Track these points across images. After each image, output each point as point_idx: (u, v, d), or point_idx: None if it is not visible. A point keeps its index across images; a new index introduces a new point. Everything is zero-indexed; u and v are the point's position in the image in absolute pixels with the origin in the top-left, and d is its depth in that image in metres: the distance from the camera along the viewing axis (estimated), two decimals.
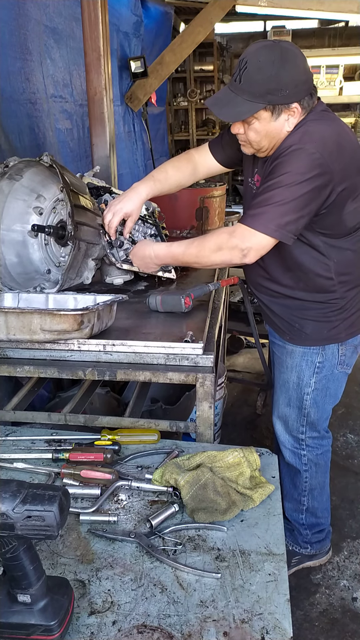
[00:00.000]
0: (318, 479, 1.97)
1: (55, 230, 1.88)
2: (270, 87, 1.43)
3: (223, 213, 3.13)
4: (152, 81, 4.55)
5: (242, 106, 1.47)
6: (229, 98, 1.49)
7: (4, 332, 1.57)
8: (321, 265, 1.63)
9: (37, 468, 1.35)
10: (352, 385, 3.48)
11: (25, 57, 2.70)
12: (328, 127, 1.50)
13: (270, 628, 0.94)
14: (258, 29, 7.59)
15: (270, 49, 1.43)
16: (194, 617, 0.96)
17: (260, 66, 1.42)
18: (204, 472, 1.25)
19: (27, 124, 2.73)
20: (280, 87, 1.43)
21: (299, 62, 1.45)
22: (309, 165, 1.43)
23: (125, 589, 1.02)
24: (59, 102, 3.06)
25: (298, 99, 1.47)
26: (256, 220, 1.48)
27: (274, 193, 1.45)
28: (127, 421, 1.60)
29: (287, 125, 1.50)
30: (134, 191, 1.77)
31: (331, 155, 1.44)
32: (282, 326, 1.81)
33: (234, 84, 1.48)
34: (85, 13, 2.64)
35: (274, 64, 1.41)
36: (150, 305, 1.84)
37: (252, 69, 1.43)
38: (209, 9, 4.57)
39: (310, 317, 1.73)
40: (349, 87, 6.68)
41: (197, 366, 1.57)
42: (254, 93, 1.44)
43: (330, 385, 1.82)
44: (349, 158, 1.50)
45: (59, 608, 0.92)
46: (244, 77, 1.44)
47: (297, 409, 1.86)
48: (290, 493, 2.03)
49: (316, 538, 2.08)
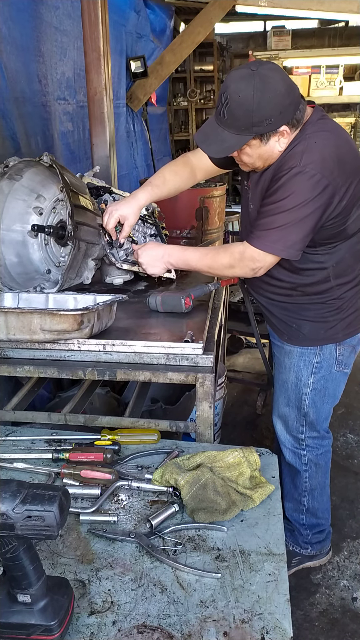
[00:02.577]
0: (318, 479, 1.97)
1: (55, 230, 1.88)
2: (254, 121, 1.43)
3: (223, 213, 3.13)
4: (152, 81, 4.55)
5: (229, 141, 1.48)
6: (216, 133, 1.50)
7: (4, 332, 1.57)
8: (319, 269, 1.65)
9: (37, 468, 1.35)
10: (352, 385, 3.48)
11: (38, 58, 2.72)
12: (326, 142, 1.50)
13: (270, 628, 0.94)
14: (258, 29, 7.58)
15: (248, 82, 1.40)
16: (194, 617, 0.96)
17: (241, 102, 1.41)
18: (204, 472, 1.25)
19: (40, 125, 2.77)
20: (264, 119, 1.43)
21: (280, 87, 1.42)
22: (310, 188, 1.46)
23: (125, 589, 1.02)
24: (62, 104, 3.06)
25: (285, 122, 1.47)
26: (263, 243, 1.54)
27: (277, 217, 1.50)
28: (127, 421, 1.60)
29: (278, 145, 1.51)
30: (132, 197, 1.80)
31: (332, 172, 1.46)
32: (280, 327, 1.82)
33: (219, 118, 1.48)
34: (85, 13, 2.64)
35: (254, 98, 1.40)
36: (150, 305, 1.84)
37: (234, 105, 1.43)
38: (209, 9, 4.56)
39: (308, 318, 1.74)
40: (349, 87, 6.66)
41: (197, 366, 1.57)
42: (239, 127, 1.45)
43: (328, 385, 1.82)
44: (350, 168, 1.52)
45: (59, 608, 0.92)
46: (227, 113, 1.45)
47: (296, 409, 1.87)
48: (291, 493, 2.04)
49: (316, 538, 2.08)
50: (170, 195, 1.88)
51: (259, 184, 1.63)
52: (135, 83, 4.48)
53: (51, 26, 2.82)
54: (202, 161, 1.86)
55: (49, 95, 2.83)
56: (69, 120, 3.13)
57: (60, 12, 2.90)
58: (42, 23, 2.72)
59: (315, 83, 6.58)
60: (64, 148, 3.06)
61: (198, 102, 7.38)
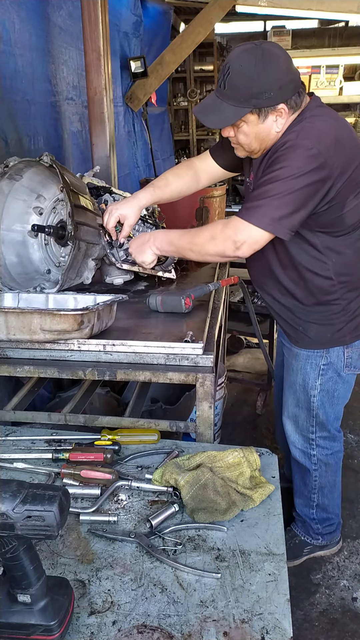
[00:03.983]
0: (328, 478, 1.98)
1: (55, 230, 1.88)
2: (253, 91, 1.43)
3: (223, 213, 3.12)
4: (152, 81, 4.54)
5: (227, 112, 1.47)
6: (215, 104, 1.49)
7: (4, 332, 1.57)
8: (319, 264, 1.62)
9: (37, 468, 1.35)
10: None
11: (48, 59, 2.73)
12: (325, 123, 1.49)
13: (270, 628, 0.94)
14: (258, 29, 7.58)
15: (251, 53, 1.42)
16: (194, 617, 0.96)
17: (242, 71, 1.42)
18: (204, 472, 1.25)
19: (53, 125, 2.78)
20: (264, 90, 1.43)
21: (282, 63, 1.44)
22: (305, 160, 1.42)
23: (125, 589, 1.02)
24: (72, 104, 3.07)
25: (284, 100, 1.46)
26: (250, 214, 1.47)
27: (270, 187, 1.45)
28: (127, 421, 1.60)
29: (275, 126, 1.50)
30: (134, 197, 1.80)
31: (329, 149, 1.43)
32: (287, 329, 1.82)
33: (219, 90, 1.48)
34: (85, 13, 2.64)
35: (255, 68, 1.41)
36: (151, 305, 1.84)
37: (234, 74, 1.43)
38: (209, 9, 4.56)
39: (313, 321, 1.72)
40: (349, 87, 6.67)
41: (197, 366, 1.57)
42: (238, 98, 1.45)
43: (337, 387, 1.81)
44: (348, 152, 1.49)
45: (59, 608, 0.92)
46: (227, 83, 1.45)
47: (306, 409, 1.86)
48: (301, 490, 2.04)
49: (327, 530, 2.10)
50: (172, 199, 1.87)
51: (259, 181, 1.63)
52: (135, 83, 4.48)
53: (56, 26, 2.83)
54: (207, 165, 1.85)
55: (58, 95, 2.85)
56: (78, 121, 3.14)
57: (63, 12, 2.91)
58: (48, 23, 2.73)
59: (315, 83, 6.59)
60: (74, 148, 3.07)
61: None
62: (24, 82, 2.47)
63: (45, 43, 2.70)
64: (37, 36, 2.59)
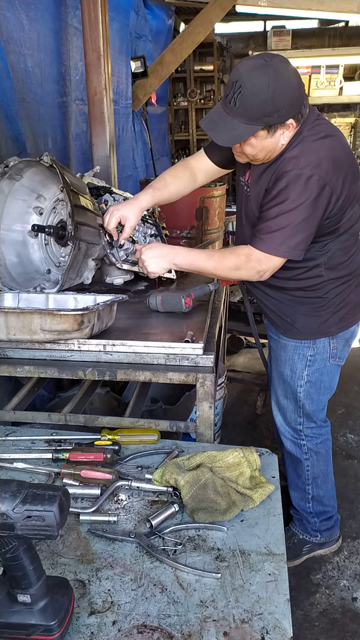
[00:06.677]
0: (320, 467, 2.02)
1: (55, 230, 1.88)
2: (267, 111, 1.45)
3: (223, 213, 3.13)
4: (152, 81, 4.55)
5: (239, 129, 1.49)
6: (225, 121, 1.50)
7: (4, 332, 1.57)
8: (311, 262, 1.67)
9: (37, 468, 1.35)
10: (352, 385, 3.48)
11: (62, 60, 2.73)
12: (322, 145, 1.53)
13: (270, 628, 0.94)
14: (258, 29, 7.57)
15: (264, 71, 1.42)
16: (194, 617, 0.96)
17: (255, 90, 1.43)
18: (204, 472, 1.25)
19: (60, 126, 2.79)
20: (277, 109, 1.45)
21: (292, 79, 1.46)
22: (310, 189, 1.49)
23: (125, 589, 1.02)
24: (80, 105, 3.07)
25: (293, 115, 1.49)
26: (269, 245, 1.56)
27: (281, 220, 1.53)
28: (127, 421, 1.60)
29: (282, 139, 1.53)
30: (134, 199, 1.81)
31: (328, 173, 1.50)
32: (275, 319, 1.86)
33: (229, 107, 1.48)
34: (85, 13, 2.64)
35: (269, 87, 1.42)
36: (151, 305, 1.84)
37: (247, 93, 1.43)
38: (209, 9, 4.56)
39: (301, 312, 1.78)
40: (349, 87, 6.67)
41: (197, 366, 1.57)
42: (250, 117, 1.46)
43: (323, 378, 1.86)
44: (346, 169, 1.56)
45: (59, 608, 0.92)
46: (239, 101, 1.45)
47: (293, 400, 1.92)
48: (295, 482, 2.08)
49: (325, 526, 2.11)
50: (171, 199, 1.88)
51: (259, 183, 1.64)
52: (135, 83, 4.48)
53: (71, 27, 2.83)
54: (202, 163, 1.86)
55: (65, 96, 2.85)
56: (83, 121, 3.14)
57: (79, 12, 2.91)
58: (60, 24, 2.73)
59: (315, 83, 6.59)
60: (76, 149, 3.06)
61: (198, 102, 7.38)
62: (34, 82, 2.47)
63: (54, 43, 2.68)
64: (47, 37, 2.57)
